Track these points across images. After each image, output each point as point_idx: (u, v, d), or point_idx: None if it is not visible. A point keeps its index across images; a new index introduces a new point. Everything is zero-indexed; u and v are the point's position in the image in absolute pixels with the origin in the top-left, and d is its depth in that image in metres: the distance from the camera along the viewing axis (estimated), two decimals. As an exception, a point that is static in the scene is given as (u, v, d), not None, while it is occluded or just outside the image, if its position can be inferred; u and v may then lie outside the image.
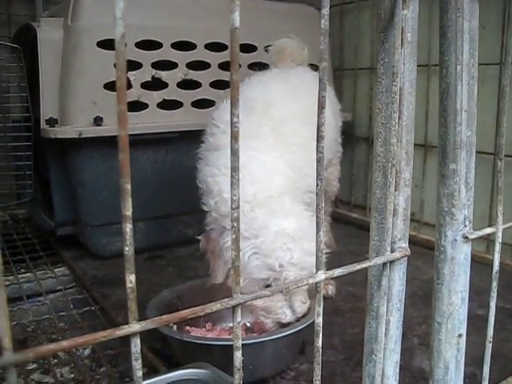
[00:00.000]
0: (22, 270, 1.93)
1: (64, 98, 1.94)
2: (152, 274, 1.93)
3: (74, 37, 1.95)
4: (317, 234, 0.58)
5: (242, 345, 0.58)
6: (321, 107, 0.56)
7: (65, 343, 0.45)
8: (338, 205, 2.65)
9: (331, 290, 1.70)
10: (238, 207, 0.51)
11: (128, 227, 0.46)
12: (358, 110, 2.59)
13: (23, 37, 2.21)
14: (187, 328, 1.42)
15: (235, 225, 0.52)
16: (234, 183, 0.50)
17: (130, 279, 0.47)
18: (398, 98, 0.65)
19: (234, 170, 0.50)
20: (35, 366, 1.44)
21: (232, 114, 0.49)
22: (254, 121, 1.47)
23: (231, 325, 1.46)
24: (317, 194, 0.57)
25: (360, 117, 2.58)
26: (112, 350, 1.43)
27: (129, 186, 0.45)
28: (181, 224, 2.22)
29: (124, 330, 0.47)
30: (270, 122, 1.49)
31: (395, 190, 0.68)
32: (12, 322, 1.58)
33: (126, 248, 0.46)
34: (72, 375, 1.44)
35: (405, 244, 0.72)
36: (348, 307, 1.65)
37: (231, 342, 1.24)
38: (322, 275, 0.59)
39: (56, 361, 1.48)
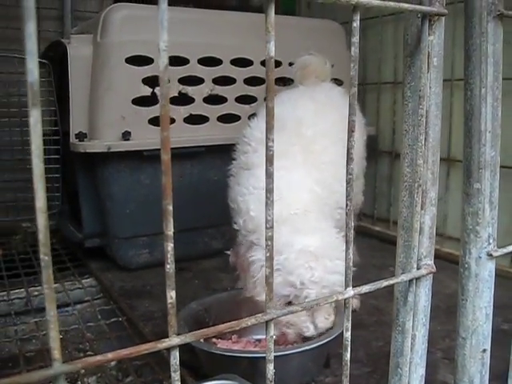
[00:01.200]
0: (51, 281, 1.96)
1: (93, 113, 1.99)
2: (178, 286, 1.91)
3: (103, 53, 1.99)
4: (346, 252, 0.61)
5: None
6: (350, 131, 0.58)
7: (110, 355, 0.48)
8: (362, 218, 2.66)
9: (356, 303, 1.71)
10: (272, 227, 0.54)
11: (169, 246, 0.49)
12: (382, 124, 2.60)
13: (52, 53, 2.26)
14: (213, 340, 1.44)
15: (269, 243, 0.54)
16: (269, 204, 0.53)
17: (171, 295, 0.50)
18: (425, 121, 0.67)
19: (269, 191, 0.53)
20: (62, 375, 1.46)
21: (267, 138, 0.52)
22: (284, 140, 1.48)
23: (256, 337, 1.49)
24: (346, 214, 0.60)
25: (383, 131, 2.59)
26: (139, 360, 1.45)
27: (171, 208, 0.48)
28: (206, 237, 2.24)
29: (165, 343, 0.50)
30: (300, 140, 1.51)
31: (421, 209, 0.70)
32: (41, 332, 1.62)
33: (168, 266, 0.49)
34: (98, 385, 1.47)
35: (430, 261, 0.74)
36: (372, 320, 1.65)
37: (259, 355, 1.27)
38: (350, 291, 0.61)
39: (84, 370, 1.51)
